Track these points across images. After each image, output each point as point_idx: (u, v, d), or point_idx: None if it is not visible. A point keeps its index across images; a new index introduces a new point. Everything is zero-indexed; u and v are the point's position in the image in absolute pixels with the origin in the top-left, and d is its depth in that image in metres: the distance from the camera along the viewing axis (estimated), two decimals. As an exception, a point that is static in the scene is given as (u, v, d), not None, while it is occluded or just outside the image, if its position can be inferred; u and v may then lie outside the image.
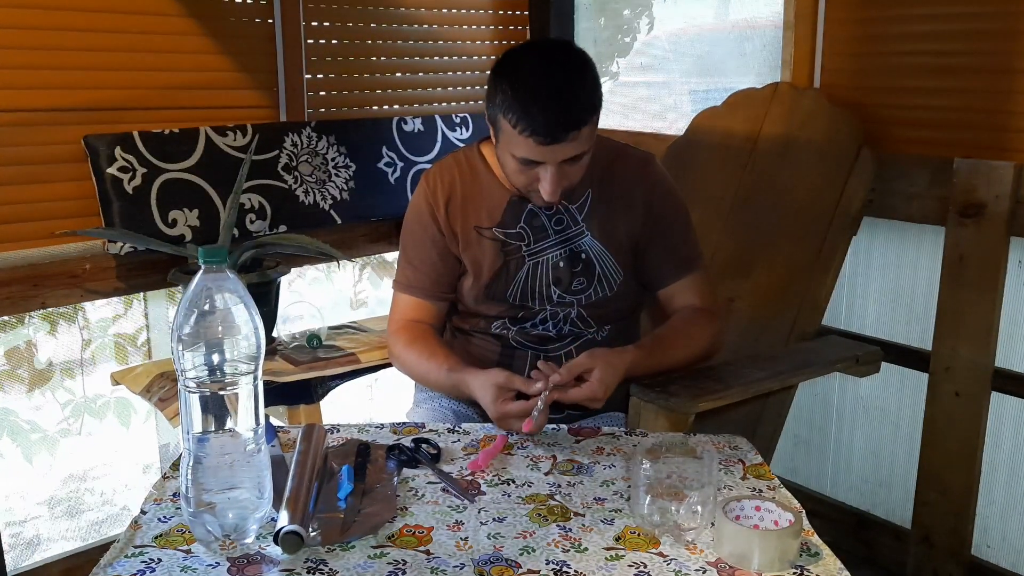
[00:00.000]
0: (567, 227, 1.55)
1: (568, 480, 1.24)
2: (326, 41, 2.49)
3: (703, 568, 1.02)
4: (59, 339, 2.71)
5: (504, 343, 1.61)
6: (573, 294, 1.57)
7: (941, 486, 2.12)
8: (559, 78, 1.35)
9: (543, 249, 1.56)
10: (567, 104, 1.34)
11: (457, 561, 1.03)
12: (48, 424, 2.72)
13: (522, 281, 1.57)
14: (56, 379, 2.70)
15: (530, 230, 1.56)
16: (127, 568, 1.02)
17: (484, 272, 1.57)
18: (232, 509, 1.06)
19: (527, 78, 1.36)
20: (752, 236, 2.23)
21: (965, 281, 2.01)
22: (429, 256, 1.61)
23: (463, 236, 1.58)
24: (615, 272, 1.57)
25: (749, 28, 2.61)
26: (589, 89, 1.38)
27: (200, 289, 1.05)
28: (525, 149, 1.38)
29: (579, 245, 1.56)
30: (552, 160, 1.39)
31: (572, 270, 1.56)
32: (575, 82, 1.36)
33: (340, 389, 2.17)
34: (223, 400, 1.06)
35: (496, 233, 1.56)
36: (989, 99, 2.01)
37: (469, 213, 1.58)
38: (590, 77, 1.39)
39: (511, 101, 1.36)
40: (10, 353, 2.60)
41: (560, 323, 1.58)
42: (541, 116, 1.34)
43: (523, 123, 1.35)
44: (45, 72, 2.03)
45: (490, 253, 1.57)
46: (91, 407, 2.73)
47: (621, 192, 1.57)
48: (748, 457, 1.31)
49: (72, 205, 2.09)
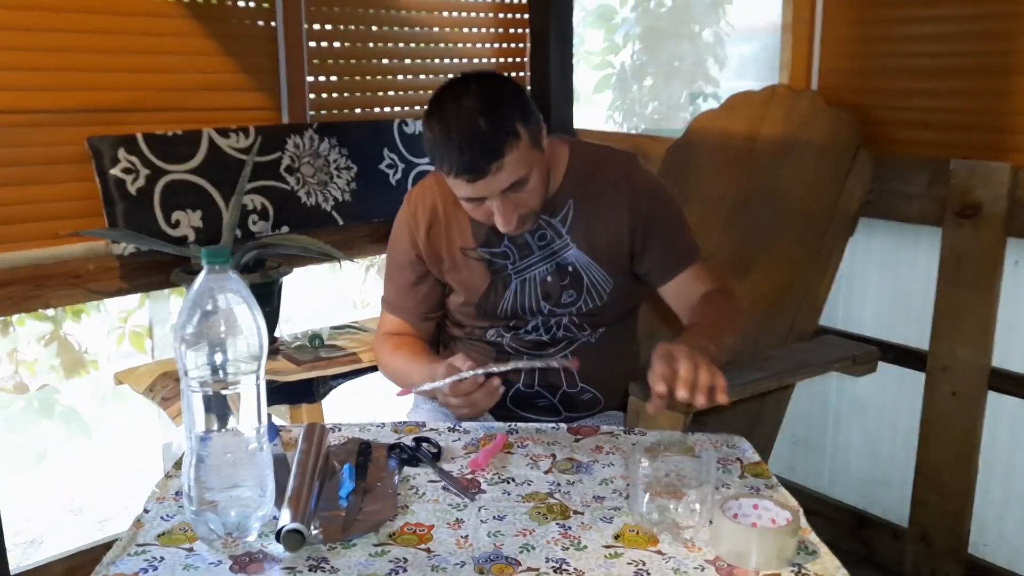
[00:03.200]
0: (551, 241, 1.54)
1: (567, 478, 1.24)
2: (328, 43, 2.50)
3: (701, 566, 1.03)
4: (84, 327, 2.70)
5: (499, 349, 1.61)
6: (564, 307, 1.57)
7: (938, 485, 2.12)
8: (467, 113, 1.34)
9: (529, 266, 1.55)
10: (479, 136, 1.33)
11: (457, 559, 1.04)
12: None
13: (511, 298, 1.57)
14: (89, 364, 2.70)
15: (514, 248, 1.55)
16: (130, 566, 1.03)
17: (473, 292, 1.58)
18: (234, 507, 1.07)
19: (440, 121, 1.36)
20: (751, 237, 2.23)
21: (962, 281, 2.02)
22: (409, 280, 1.62)
23: (449, 259, 1.58)
24: (604, 281, 1.56)
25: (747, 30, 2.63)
26: (504, 116, 1.35)
27: (203, 289, 1.06)
28: (460, 188, 1.39)
29: (565, 258, 1.55)
30: (491, 193, 1.38)
31: (560, 284, 1.55)
32: (487, 112, 1.34)
33: (342, 388, 2.18)
34: (225, 399, 1.06)
35: (482, 253, 1.56)
36: (986, 100, 2.02)
37: (454, 235, 1.57)
38: (506, 104, 1.36)
39: (432, 146, 1.38)
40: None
41: (553, 328, 1.59)
42: (457, 155, 1.34)
43: (445, 165, 1.36)
44: (49, 74, 2.04)
45: (477, 274, 1.57)
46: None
47: (603, 199, 1.55)
48: (746, 456, 1.32)
49: (75, 206, 2.10)
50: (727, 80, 3.56)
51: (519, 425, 1.43)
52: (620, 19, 4.34)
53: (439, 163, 1.38)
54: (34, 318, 2.71)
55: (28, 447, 2.90)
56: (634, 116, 4.28)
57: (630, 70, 4.30)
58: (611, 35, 4.37)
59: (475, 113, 1.33)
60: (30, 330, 2.84)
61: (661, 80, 4.21)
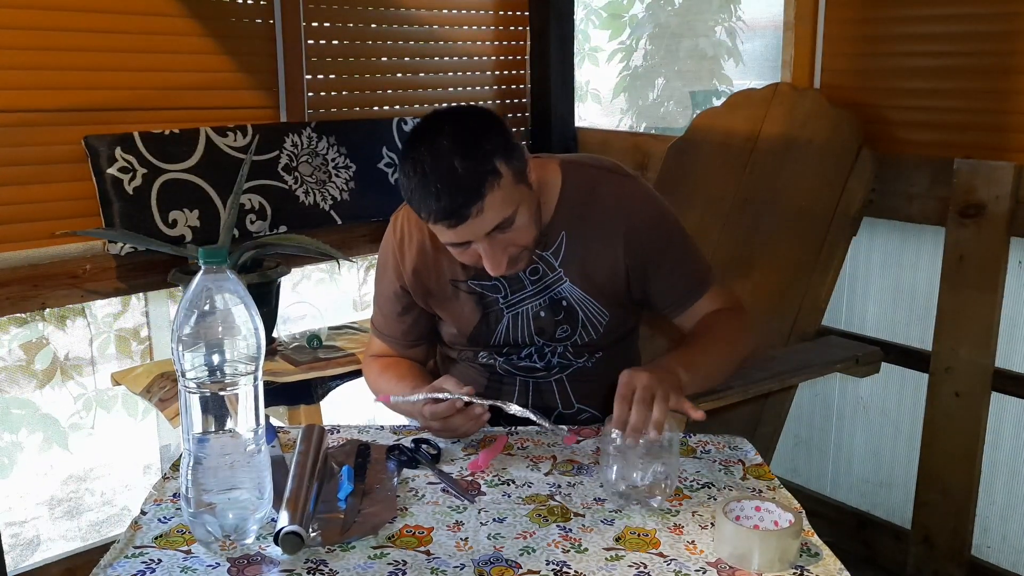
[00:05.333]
0: (543, 275, 1.46)
1: (568, 480, 1.24)
2: (326, 41, 2.49)
3: (703, 568, 1.02)
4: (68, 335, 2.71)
5: (492, 371, 1.56)
6: (558, 341, 1.50)
7: (941, 486, 2.12)
8: (442, 154, 1.24)
9: (521, 300, 1.48)
10: (455, 178, 1.24)
11: (457, 561, 1.03)
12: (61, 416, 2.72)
13: (503, 332, 1.50)
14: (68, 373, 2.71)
15: (505, 282, 1.46)
16: (127, 568, 1.02)
17: (464, 324, 1.51)
18: (232, 509, 1.06)
19: (416, 164, 1.26)
20: (752, 236, 2.23)
21: (965, 281, 2.01)
22: (395, 309, 1.56)
23: (438, 291, 1.50)
24: (600, 315, 1.49)
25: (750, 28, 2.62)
26: (482, 155, 1.25)
27: (200, 289, 1.05)
28: (443, 234, 1.31)
29: (559, 292, 1.47)
30: (475, 236, 1.28)
31: (554, 319, 1.49)
32: (463, 152, 1.25)
33: (340, 389, 2.17)
34: (223, 401, 1.06)
35: (472, 286, 1.48)
36: (989, 100, 2.01)
37: (443, 266, 1.48)
38: (484, 141, 1.27)
39: (408, 192, 1.29)
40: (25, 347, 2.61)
41: (548, 356, 1.53)
42: (435, 199, 1.24)
43: (424, 211, 1.28)
44: (45, 73, 2.03)
45: (468, 306, 1.50)
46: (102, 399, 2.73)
47: (598, 229, 1.45)
48: (748, 457, 1.31)
49: (72, 205, 2.09)
50: (739, 78, 3.56)
51: (519, 427, 1.41)
52: (628, 17, 4.33)
53: (417, 209, 1.29)
54: (15, 323, 2.70)
55: (20, 450, 2.89)
56: (641, 114, 4.27)
57: (643, 70, 4.29)
58: (619, 34, 4.36)
59: (450, 154, 1.24)
60: (13, 335, 2.84)
61: (670, 78, 4.21)
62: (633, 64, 4.31)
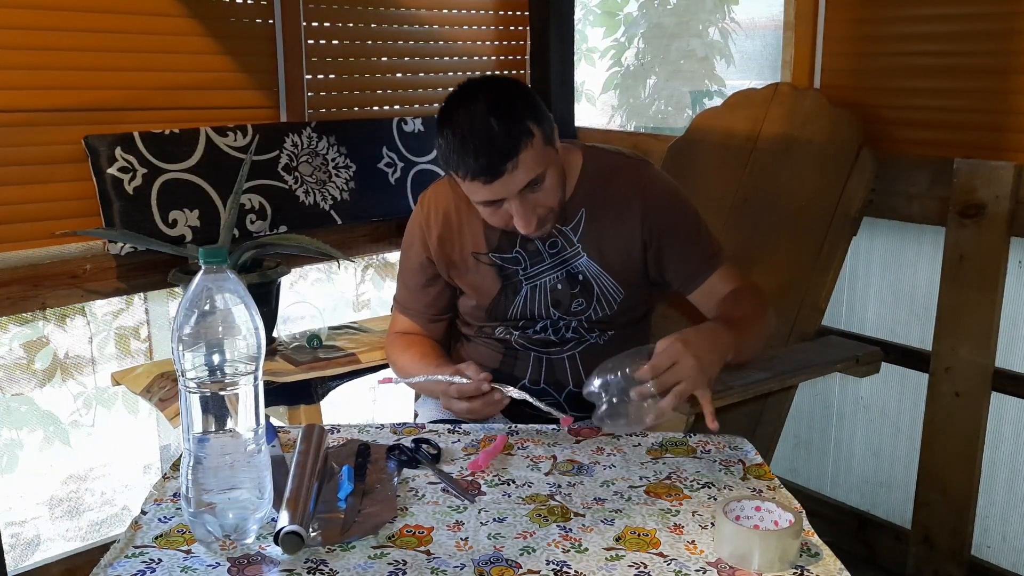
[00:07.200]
0: (562, 249, 1.55)
1: (568, 480, 1.24)
2: (326, 41, 2.49)
3: (703, 568, 1.02)
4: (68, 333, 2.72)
5: (507, 346, 1.62)
6: (573, 315, 1.57)
7: (941, 487, 2.12)
8: (480, 115, 1.35)
9: (540, 273, 1.56)
10: (492, 138, 1.35)
11: (457, 561, 1.03)
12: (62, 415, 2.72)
13: (521, 303, 1.58)
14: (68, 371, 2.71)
15: (526, 254, 1.56)
16: (127, 568, 1.02)
17: (484, 296, 1.59)
18: (232, 509, 1.06)
19: (454, 126, 1.37)
20: (752, 236, 2.23)
21: (965, 281, 2.01)
22: (419, 282, 1.65)
23: (460, 262, 1.59)
24: (615, 291, 1.57)
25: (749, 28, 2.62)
26: (516, 116, 1.36)
27: (200, 289, 1.05)
28: (478, 192, 1.40)
29: (576, 267, 1.56)
30: (509, 194, 1.39)
31: (571, 292, 1.56)
32: (498, 114, 1.35)
33: (340, 389, 2.17)
34: (223, 400, 1.06)
35: (493, 258, 1.57)
36: (989, 99, 2.01)
37: (466, 239, 1.58)
38: (517, 104, 1.38)
39: (447, 153, 1.39)
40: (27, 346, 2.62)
41: (562, 330, 1.59)
42: (472, 157, 1.35)
43: (462, 169, 1.37)
44: (45, 72, 2.03)
45: (488, 278, 1.58)
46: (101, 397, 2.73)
47: (615, 208, 1.55)
48: (748, 457, 1.31)
49: (72, 205, 2.09)
50: (730, 78, 3.56)
51: (519, 426, 1.43)
52: (623, 16, 4.33)
53: (455, 168, 1.39)
54: (15, 321, 2.70)
55: (20, 450, 2.89)
56: (632, 113, 4.27)
57: (634, 68, 4.29)
58: (614, 32, 4.36)
59: (487, 116, 1.35)
60: (13, 334, 2.84)
61: (665, 78, 4.20)
62: (625, 62, 4.32)
